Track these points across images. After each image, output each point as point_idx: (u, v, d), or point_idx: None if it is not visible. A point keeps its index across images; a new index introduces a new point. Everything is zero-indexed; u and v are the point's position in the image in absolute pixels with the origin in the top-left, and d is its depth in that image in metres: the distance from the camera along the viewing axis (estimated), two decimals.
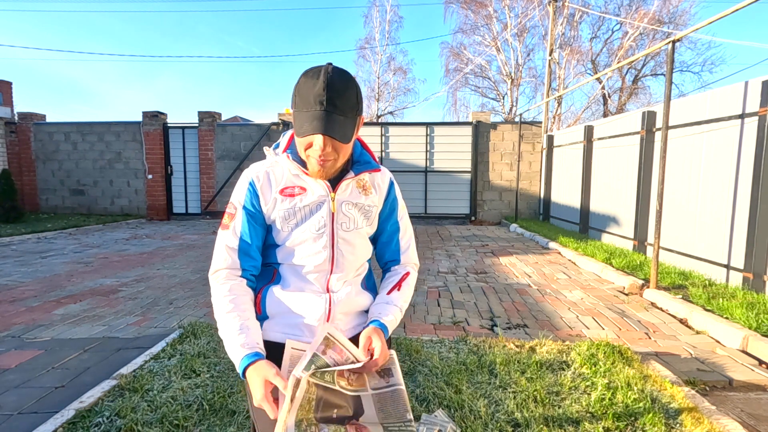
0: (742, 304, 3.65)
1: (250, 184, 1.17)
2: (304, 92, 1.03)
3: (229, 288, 1.12)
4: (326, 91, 1.01)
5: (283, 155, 1.18)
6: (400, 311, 1.23)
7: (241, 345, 1.02)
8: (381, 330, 1.14)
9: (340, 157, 1.11)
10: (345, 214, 1.20)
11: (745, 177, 4.41)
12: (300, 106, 1.05)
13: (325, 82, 1.02)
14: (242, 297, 1.13)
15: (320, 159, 1.08)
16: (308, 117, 1.03)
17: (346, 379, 1.06)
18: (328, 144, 1.06)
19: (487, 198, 11.05)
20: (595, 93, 19.95)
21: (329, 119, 1.02)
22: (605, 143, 7.51)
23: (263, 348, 1.06)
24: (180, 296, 4.46)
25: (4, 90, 29.20)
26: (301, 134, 1.05)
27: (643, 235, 6.25)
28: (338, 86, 1.03)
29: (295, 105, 1.07)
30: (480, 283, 5.07)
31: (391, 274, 1.31)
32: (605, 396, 2.27)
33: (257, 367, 0.99)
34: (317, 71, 1.04)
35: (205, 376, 2.49)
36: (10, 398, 2.36)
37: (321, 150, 1.05)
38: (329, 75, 1.03)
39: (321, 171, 1.11)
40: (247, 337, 1.04)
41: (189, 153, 11.39)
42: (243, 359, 1.00)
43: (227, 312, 1.08)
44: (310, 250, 1.17)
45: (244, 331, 1.05)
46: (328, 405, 1.00)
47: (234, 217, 1.17)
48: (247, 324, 1.07)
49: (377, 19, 19.97)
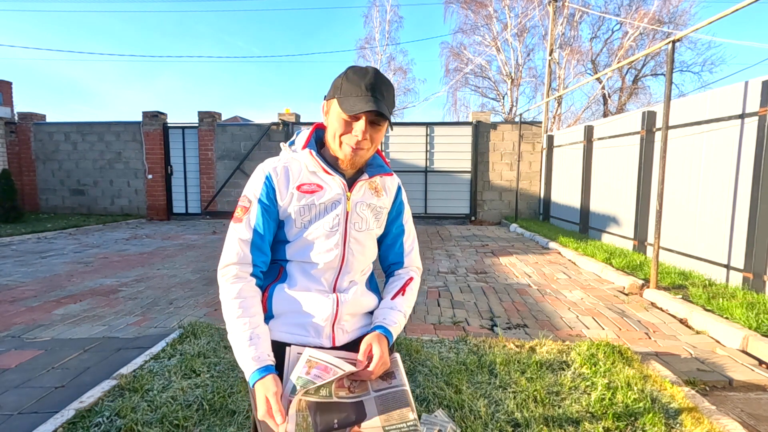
0: (742, 304, 3.64)
1: (267, 177, 1.17)
2: (355, 80, 1.10)
3: (238, 290, 1.12)
4: (377, 81, 1.10)
5: (303, 151, 1.20)
6: (404, 316, 1.24)
7: (252, 358, 1.04)
8: (384, 336, 1.15)
9: (371, 148, 1.17)
10: (359, 214, 1.21)
11: (745, 177, 4.41)
12: (349, 91, 1.10)
13: (375, 74, 1.10)
14: (251, 300, 1.12)
15: (355, 145, 1.12)
16: (360, 99, 1.08)
17: (347, 389, 1.06)
18: (368, 131, 1.12)
19: (487, 198, 11.05)
20: (595, 93, 19.96)
21: (378, 103, 1.09)
22: (605, 143, 7.51)
23: (273, 358, 1.07)
24: (180, 296, 4.46)
25: (4, 90, 29.21)
26: (353, 111, 1.08)
27: (643, 235, 6.25)
28: (386, 81, 1.12)
29: (341, 91, 1.11)
30: (480, 283, 5.07)
31: (395, 279, 1.32)
32: (605, 396, 2.27)
33: (265, 382, 1.01)
34: (365, 67, 1.13)
35: (205, 376, 2.49)
36: (10, 398, 2.36)
37: (362, 133, 1.10)
38: (377, 71, 1.12)
39: (352, 159, 1.15)
40: (257, 349, 1.05)
41: (189, 153, 11.39)
42: (253, 374, 1.02)
43: (237, 317, 1.09)
44: (321, 248, 1.18)
45: (254, 341, 1.06)
46: (328, 417, 1.00)
47: (248, 211, 1.16)
48: (257, 332, 1.08)
49: (377, 19, 19.97)
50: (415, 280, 1.31)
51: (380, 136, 1.16)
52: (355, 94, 1.08)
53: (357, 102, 1.08)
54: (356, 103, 1.08)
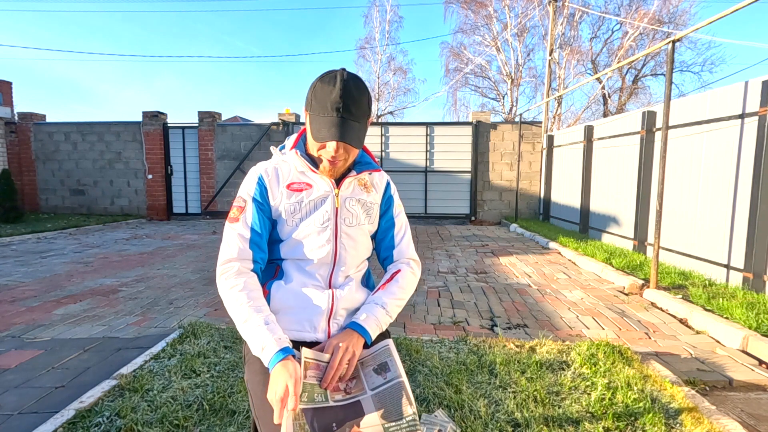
0: (742, 304, 3.64)
1: (259, 178, 1.22)
2: (321, 97, 1.08)
3: (244, 282, 1.13)
4: (343, 99, 1.06)
5: (291, 152, 1.24)
6: (383, 308, 1.21)
7: (274, 339, 1.02)
8: (352, 330, 1.14)
9: (350, 157, 1.19)
10: (348, 209, 1.24)
11: (745, 177, 4.41)
12: (317, 110, 1.09)
13: (341, 89, 1.06)
14: (257, 291, 1.14)
15: (331, 159, 1.15)
16: (325, 123, 1.08)
17: (342, 391, 1.06)
18: (341, 147, 1.12)
19: (487, 198, 11.05)
20: (595, 93, 19.95)
21: (345, 126, 1.08)
22: (605, 143, 7.51)
23: (290, 341, 1.06)
24: (180, 296, 4.46)
25: (4, 90, 29.18)
26: (318, 139, 1.11)
27: (643, 234, 6.25)
28: (354, 93, 1.08)
29: (311, 108, 1.12)
30: (480, 283, 5.07)
31: (385, 275, 1.34)
32: (605, 396, 2.27)
33: (287, 364, 0.98)
34: (333, 77, 1.09)
35: (205, 376, 2.49)
36: (10, 398, 2.36)
37: (335, 152, 1.12)
38: (345, 81, 1.07)
39: (331, 170, 1.19)
40: (274, 333, 1.04)
41: (189, 153, 11.39)
42: (276, 354, 1.00)
43: (248, 306, 1.08)
44: (314, 244, 1.20)
45: (271, 326, 1.05)
46: (326, 421, 1.00)
47: (244, 210, 1.19)
48: (270, 318, 1.08)
49: (377, 19, 19.96)
50: (402, 272, 1.30)
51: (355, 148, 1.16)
52: (322, 114, 1.08)
53: (322, 127, 1.09)
54: (321, 128, 1.09)
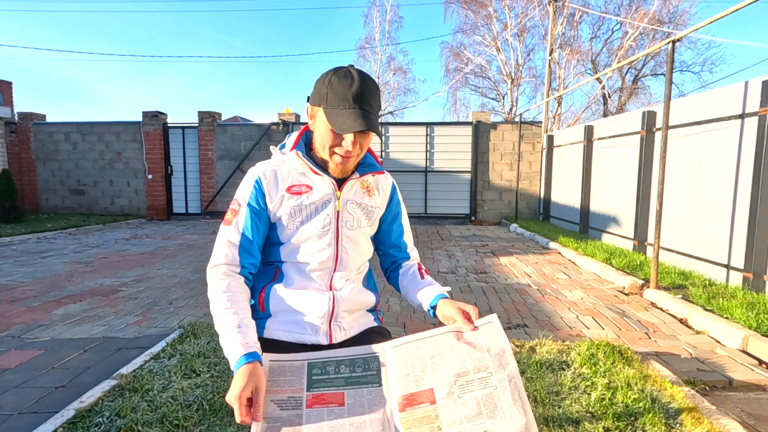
0: (742, 304, 3.64)
1: (256, 181, 1.18)
2: (341, 91, 1.06)
3: (227, 284, 1.12)
4: (364, 91, 1.06)
5: (291, 153, 1.20)
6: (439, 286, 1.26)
7: (240, 343, 1.00)
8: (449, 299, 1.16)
9: (362, 153, 1.17)
10: (350, 212, 1.22)
11: (745, 177, 4.41)
12: (335, 103, 1.07)
13: (361, 82, 1.07)
14: (239, 294, 1.12)
15: (345, 154, 1.13)
16: (349, 114, 1.06)
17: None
18: (357, 142, 1.11)
19: (487, 198, 11.05)
20: (595, 93, 19.95)
21: (368, 117, 1.07)
22: (605, 143, 7.51)
23: (260, 347, 1.04)
24: (180, 296, 4.46)
25: (4, 90, 29.18)
26: (343, 130, 1.07)
27: (643, 234, 6.25)
28: (371, 87, 1.09)
29: (327, 102, 1.09)
30: (480, 282, 5.07)
31: (407, 269, 1.34)
32: (605, 396, 2.27)
33: (250, 368, 0.95)
34: (347, 71, 1.09)
35: (205, 376, 2.49)
36: (10, 398, 2.36)
37: (351, 146, 1.11)
38: (362, 75, 1.08)
39: (342, 168, 1.16)
40: (244, 337, 1.02)
41: (189, 153, 11.39)
42: (240, 359, 0.98)
43: (225, 308, 1.07)
44: (314, 248, 1.18)
45: (242, 330, 1.04)
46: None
47: (237, 214, 1.17)
48: (245, 322, 1.06)
49: (377, 19, 19.97)
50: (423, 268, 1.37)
51: (368, 141, 1.17)
52: (342, 106, 1.07)
53: (346, 119, 1.06)
54: (345, 120, 1.06)
